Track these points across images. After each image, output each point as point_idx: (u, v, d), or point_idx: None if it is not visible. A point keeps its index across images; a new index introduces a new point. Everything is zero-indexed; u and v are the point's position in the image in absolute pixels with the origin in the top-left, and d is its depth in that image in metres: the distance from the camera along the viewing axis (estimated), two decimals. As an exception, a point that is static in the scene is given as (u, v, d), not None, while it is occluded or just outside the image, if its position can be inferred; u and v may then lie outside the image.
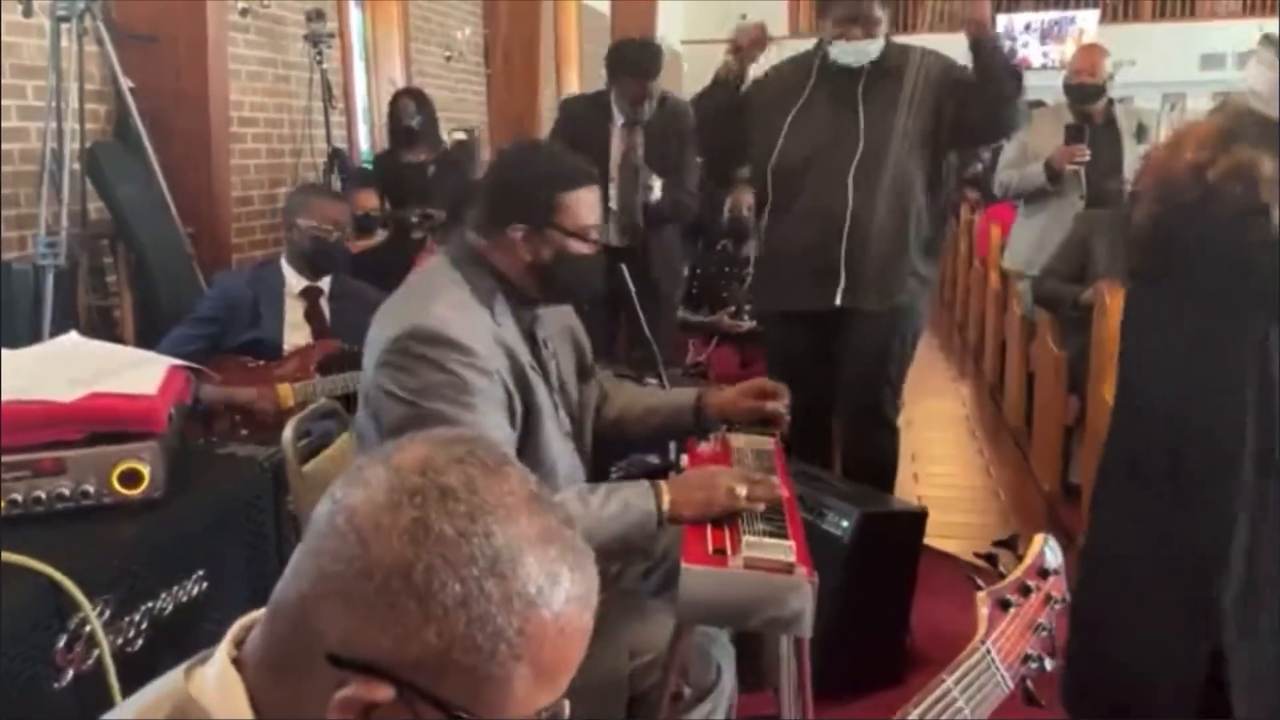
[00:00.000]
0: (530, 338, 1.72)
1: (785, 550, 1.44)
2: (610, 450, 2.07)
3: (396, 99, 4.71)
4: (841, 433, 3.00)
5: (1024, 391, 4.37)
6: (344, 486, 0.69)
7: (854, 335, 2.77)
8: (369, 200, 4.33)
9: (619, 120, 3.59)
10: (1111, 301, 2.68)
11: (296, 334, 2.78)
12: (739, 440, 1.92)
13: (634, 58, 3.50)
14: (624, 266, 2.57)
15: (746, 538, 1.48)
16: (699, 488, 1.55)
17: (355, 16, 5.83)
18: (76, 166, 3.14)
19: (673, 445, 2.38)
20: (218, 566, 1.69)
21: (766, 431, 1.95)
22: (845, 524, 2.40)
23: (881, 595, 2.46)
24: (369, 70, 6.03)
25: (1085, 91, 3.83)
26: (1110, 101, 3.92)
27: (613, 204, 3.55)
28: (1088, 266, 3.45)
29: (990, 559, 3.09)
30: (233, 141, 4.47)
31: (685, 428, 1.98)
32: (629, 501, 1.54)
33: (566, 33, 8.88)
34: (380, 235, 4.40)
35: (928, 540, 2.59)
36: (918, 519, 2.52)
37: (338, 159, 4.82)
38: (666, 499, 1.54)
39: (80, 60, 3.04)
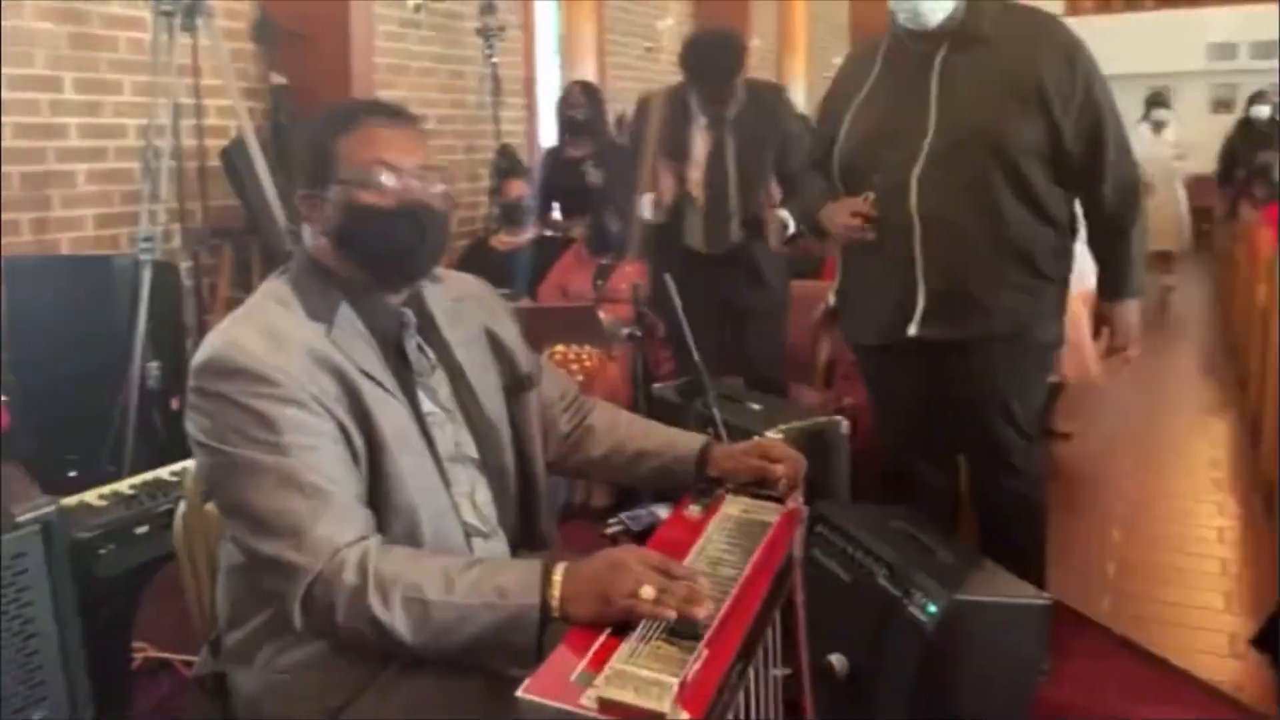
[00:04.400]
0: (395, 349, 1.39)
1: (661, 691, 1.02)
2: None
3: (568, 90, 4.53)
4: (970, 485, 2.44)
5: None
6: None
7: (953, 368, 2.22)
8: (516, 188, 4.18)
9: (700, 119, 3.15)
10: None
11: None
12: (733, 506, 1.50)
13: (710, 55, 3.03)
14: (668, 276, 2.17)
15: (623, 662, 1.07)
16: (597, 579, 1.16)
17: (546, 9, 5.73)
18: (193, 164, 3.19)
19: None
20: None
21: (772, 496, 1.51)
22: (930, 609, 1.88)
23: (977, 709, 1.92)
24: (562, 63, 5.93)
25: None
26: None
27: (698, 210, 3.15)
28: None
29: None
30: (399, 138, 4.48)
31: (684, 480, 1.58)
32: (506, 589, 1.17)
33: (792, 18, 8.41)
34: (530, 232, 4.25)
35: (1112, 620, 1.98)
36: (1037, 614, 1.94)
37: (506, 155, 4.71)
38: (557, 590, 1.17)
39: (194, 54, 3.05)
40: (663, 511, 1.98)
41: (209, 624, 1.43)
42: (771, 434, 2.46)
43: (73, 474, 2.74)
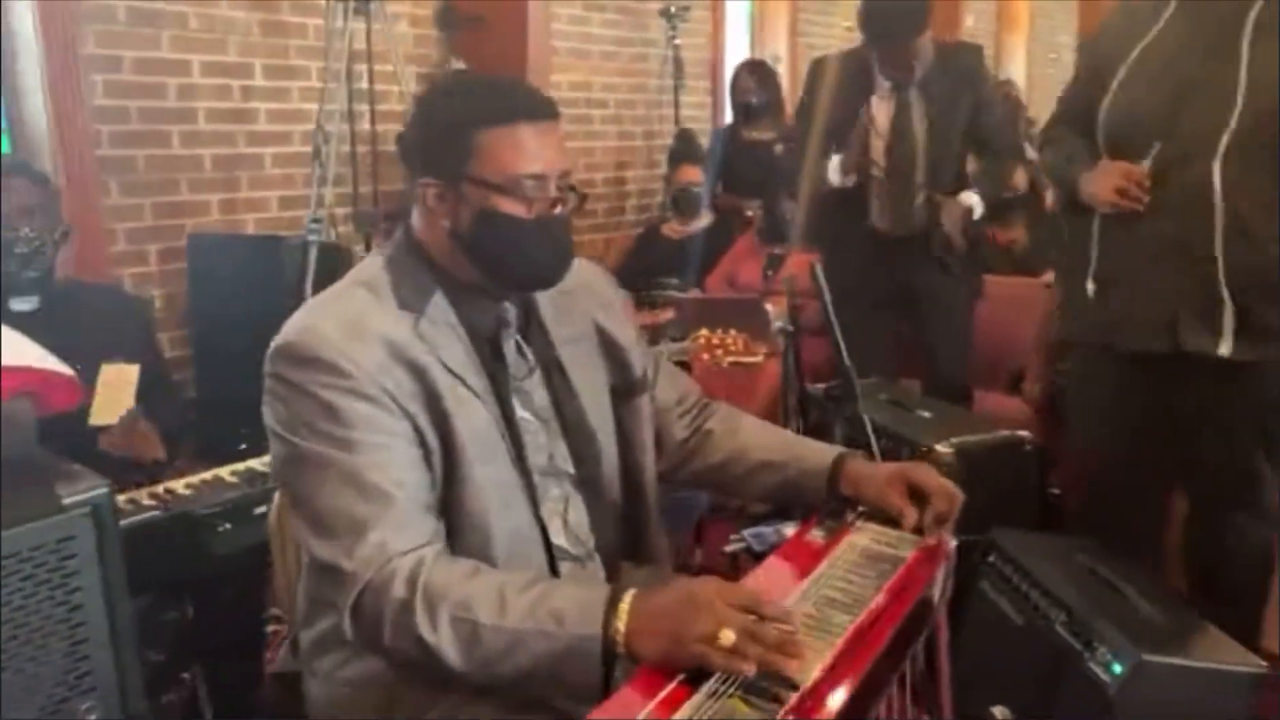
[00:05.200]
0: (492, 347, 1.26)
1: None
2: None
3: (737, 73, 4.34)
4: (1187, 521, 2.08)
5: None
6: None
7: (1220, 388, 1.87)
8: (689, 174, 4.03)
9: (883, 84, 2.84)
10: None
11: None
12: (862, 534, 1.29)
13: (888, 14, 2.72)
14: (816, 264, 1.94)
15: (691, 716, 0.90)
16: (668, 616, 0.99)
17: (737, -10, 5.54)
18: (365, 148, 3.23)
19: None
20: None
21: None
22: (1116, 669, 1.59)
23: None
24: (753, 45, 5.72)
25: None
26: None
27: (881, 186, 2.85)
28: None
29: None
30: (578, 123, 4.43)
31: (812, 498, 1.38)
32: (564, 615, 1.03)
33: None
34: (704, 220, 4.09)
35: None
36: (1250, 684, 1.59)
37: (684, 139, 4.57)
38: (623, 622, 1.01)
39: (368, 40, 3.08)
40: (788, 529, 1.78)
41: (293, 619, 1.37)
42: (941, 448, 2.20)
43: (242, 446, 2.84)
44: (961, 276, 2.97)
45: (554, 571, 1.25)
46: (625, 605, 1.01)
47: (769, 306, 3.38)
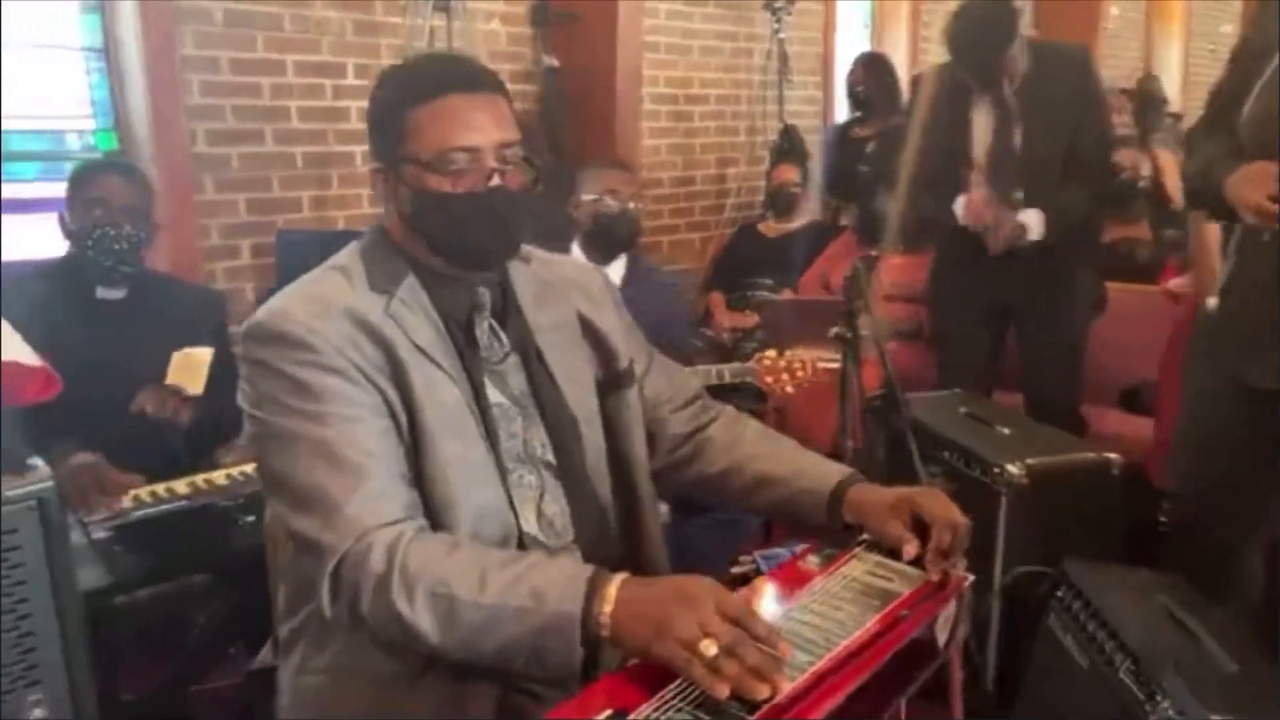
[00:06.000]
0: (464, 330, 1.23)
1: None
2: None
3: (852, 67, 4.17)
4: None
5: None
6: None
7: None
8: (786, 173, 3.90)
9: (984, 95, 2.65)
10: None
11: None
12: (858, 565, 1.17)
13: (971, 30, 2.52)
14: (859, 264, 1.80)
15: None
16: (658, 606, 0.94)
17: (853, -18, 5.35)
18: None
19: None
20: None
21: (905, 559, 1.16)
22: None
23: None
24: (873, 40, 5.51)
25: None
26: None
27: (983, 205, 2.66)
28: None
29: None
30: (677, 120, 4.36)
31: (812, 519, 1.27)
32: (544, 593, 0.99)
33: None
34: (803, 219, 3.96)
35: None
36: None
37: (787, 136, 4.43)
38: (608, 604, 0.96)
39: (449, 37, 3.09)
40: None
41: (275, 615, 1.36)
42: (1012, 468, 2.02)
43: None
44: (1076, 288, 2.75)
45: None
46: (613, 589, 0.97)
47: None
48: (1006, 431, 2.21)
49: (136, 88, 2.92)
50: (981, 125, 2.68)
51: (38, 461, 1.07)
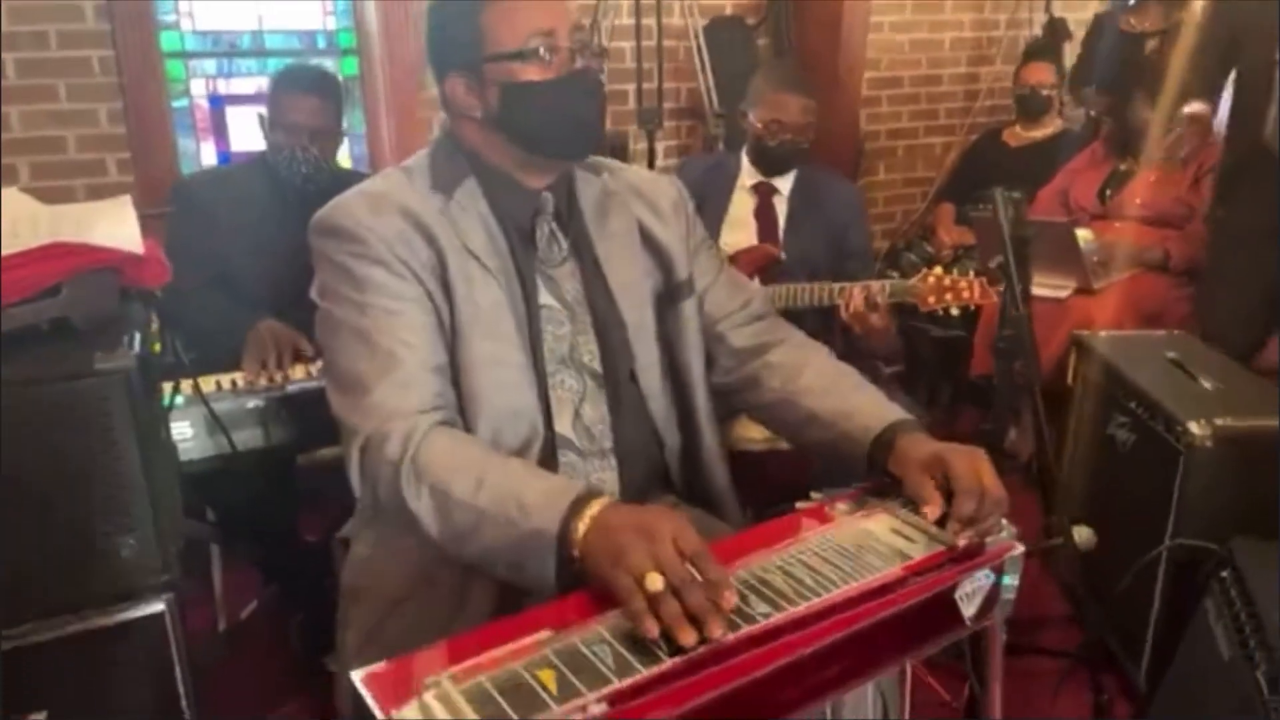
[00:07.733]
0: (523, 233, 1.27)
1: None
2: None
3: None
4: None
5: None
6: None
7: None
8: (1037, 72, 3.50)
9: None
10: None
11: (738, 231, 2.44)
12: (881, 521, 1.09)
13: None
14: (999, 191, 1.58)
15: (520, 662, 0.83)
16: (621, 533, 0.94)
17: None
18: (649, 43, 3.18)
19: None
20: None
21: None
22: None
23: None
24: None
25: None
26: None
27: None
28: None
29: None
30: (923, 13, 4.01)
31: (853, 467, 1.19)
32: (529, 506, 1.02)
33: None
34: (1055, 125, 3.56)
35: None
36: None
37: (1051, 30, 3.95)
38: (584, 526, 0.98)
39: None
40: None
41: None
42: (1196, 428, 1.75)
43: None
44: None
45: (552, 459, 1.25)
46: (592, 511, 0.98)
47: (1082, 233, 2.89)
48: (1209, 385, 1.92)
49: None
50: None
51: (124, 341, 1.21)
